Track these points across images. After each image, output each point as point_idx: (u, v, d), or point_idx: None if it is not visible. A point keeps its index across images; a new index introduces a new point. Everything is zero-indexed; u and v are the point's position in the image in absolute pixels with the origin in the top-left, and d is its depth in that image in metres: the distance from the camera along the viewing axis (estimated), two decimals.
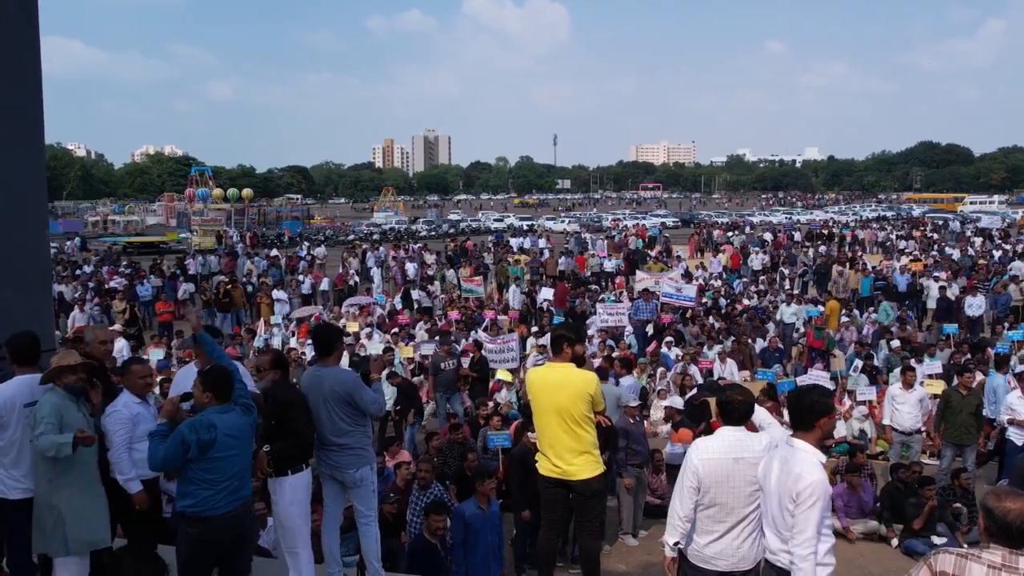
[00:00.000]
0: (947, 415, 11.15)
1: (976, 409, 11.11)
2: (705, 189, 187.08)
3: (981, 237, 44.78)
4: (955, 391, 11.29)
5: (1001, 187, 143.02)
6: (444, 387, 14.16)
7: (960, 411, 11.03)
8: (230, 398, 5.78)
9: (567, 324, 7.49)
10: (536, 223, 72.82)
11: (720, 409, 5.56)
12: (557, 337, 6.66)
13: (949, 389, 11.54)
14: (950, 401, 11.18)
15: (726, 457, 5.27)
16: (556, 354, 6.63)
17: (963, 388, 11.21)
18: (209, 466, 5.57)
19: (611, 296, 26.82)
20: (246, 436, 5.82)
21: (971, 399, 11.13)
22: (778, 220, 76.40)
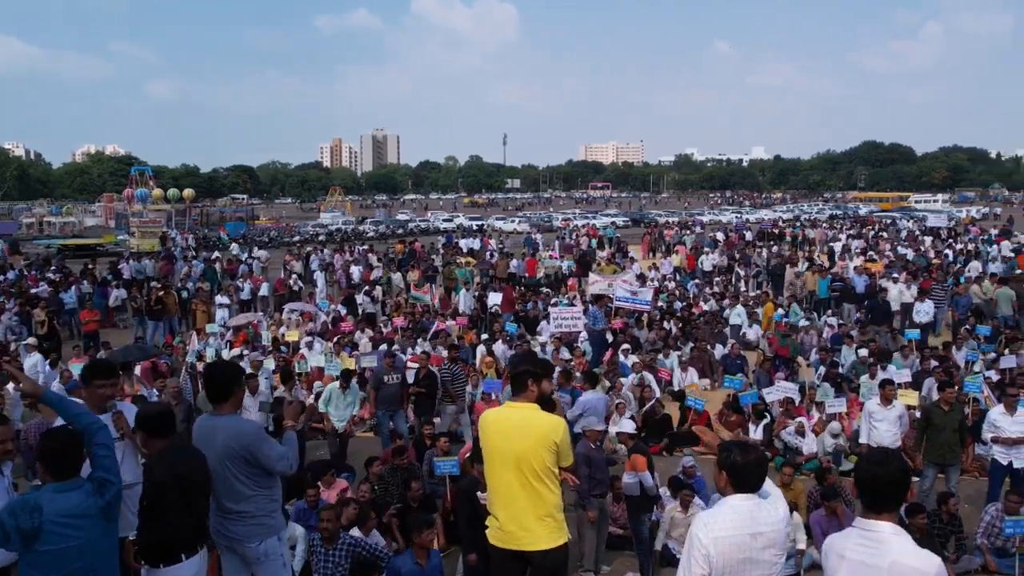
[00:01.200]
0: (928, 433, 10.39)
1: (959, 425, 10.36)
2: (654, 188, 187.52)
3: (931, 236, 44.72)
4: (936, 407, 10.53)
5: (943, 186, 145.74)
6: (387, 403, 13.05)
7: (942, 428, 10.27)
8: (73, 472, 4.55)
9: (531, 357, 6.16)
10: (486, 223, 71.86)
11: (729, 473, 4.42)
12: (520, 373, 5.52)
13: (930, 405, 10.77)
14: (931, 418, 10.42)
15: (742, 533, 4.24)
16: (518, 392, 5.50)
17: (944, 404, 10.45)
18: (37, 560, 4.35)
19: (564, 299, 25.91)
20: (92, 522, 4.52)
21: (953, 415, 10.38)
22: (728, 219, 76.41)
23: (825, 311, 24.07)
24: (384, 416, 13.09)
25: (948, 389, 10.62)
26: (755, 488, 4.35)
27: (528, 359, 5.92)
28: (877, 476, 3.90)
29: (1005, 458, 10.09)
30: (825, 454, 12.52)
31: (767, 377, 16.22)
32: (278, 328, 22.32)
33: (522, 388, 5.46)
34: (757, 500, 4.33)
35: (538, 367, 5.56)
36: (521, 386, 5.47)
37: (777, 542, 4.28)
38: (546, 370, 5.63)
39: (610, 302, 22.37)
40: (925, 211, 77.55)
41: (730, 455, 4.40)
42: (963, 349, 17.84)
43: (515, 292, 28.19)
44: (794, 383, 14.77)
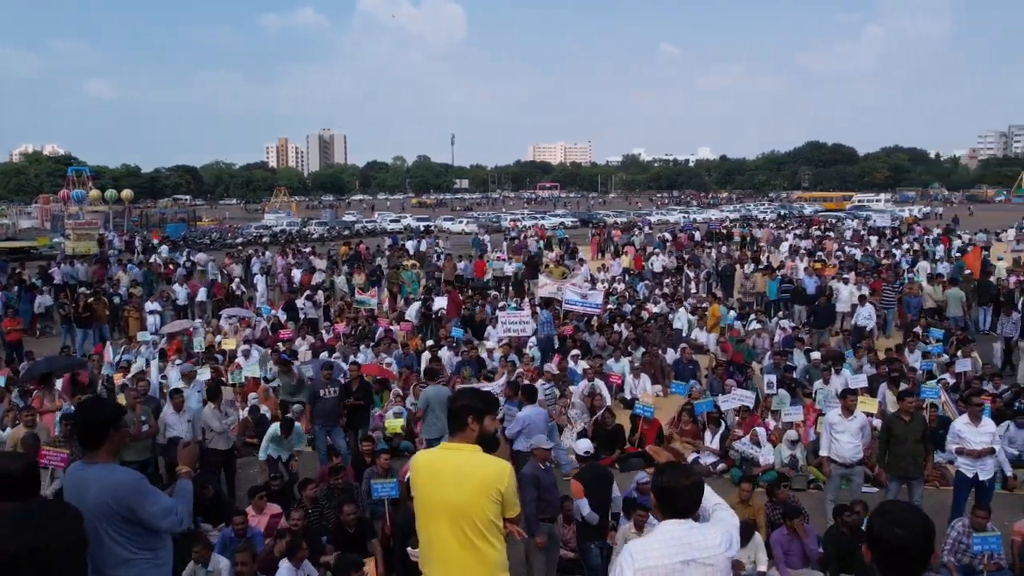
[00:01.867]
0: (891, 445, 9.95)
1: (922, 436, 9.94)
2: (602, 188, 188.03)
3: (876, 236, 45.00)
4: (897, 418, 10.08)
5: (884, 186, 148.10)
6: (324, 418, 12.27)
7: (904, 440, 9.83)
8: None
9: (472, 391, 5.18)
10: (434, 224, 71.03)
11: (658, 497, 4.08)
12: (459, 408, 4.68)
13: (891, 416, 10.32)
14: (892, 429, 9.98)
15: (671, 562, 3.83)
16: (456, 431, 4.68)
17: (905, 414, 10.01)
18: None
19: (512, 303, 25.32)
20: None
21: (915, 426, 9.95)
22: (676, 219, 76.53)
23: (775, 313, 23.78)
24: (321, 432, 12.32)
25: (908, 398, 10.19)
26: (687, 513, 4.01)
27: (468, 393, 5.04)
28: (902, 542, 3.23)
29: (970, 470, 9.69)
30: (783, 464, 12.08)
31: (720, 383, 15.78)
32: (215, 336, 21.44)
33: (461, 426, 4.63)
34: (690, 525, 3.97)
35: (480, 402, 4.74)
36: (460, 424, 4.64)
37: (715, 570, 3.88)
38: (490, 405, 4.78)
39: (559, 305, 21.86)
40: (879, 210, 78.31)
41: (660, 478, 4.11)
42: (915, 352, 17.62)
43: (462, 295, 27.60)
44: (749, 390, 14.30)
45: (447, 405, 4.86)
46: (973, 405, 9.87)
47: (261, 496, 9.74)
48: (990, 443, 9.71)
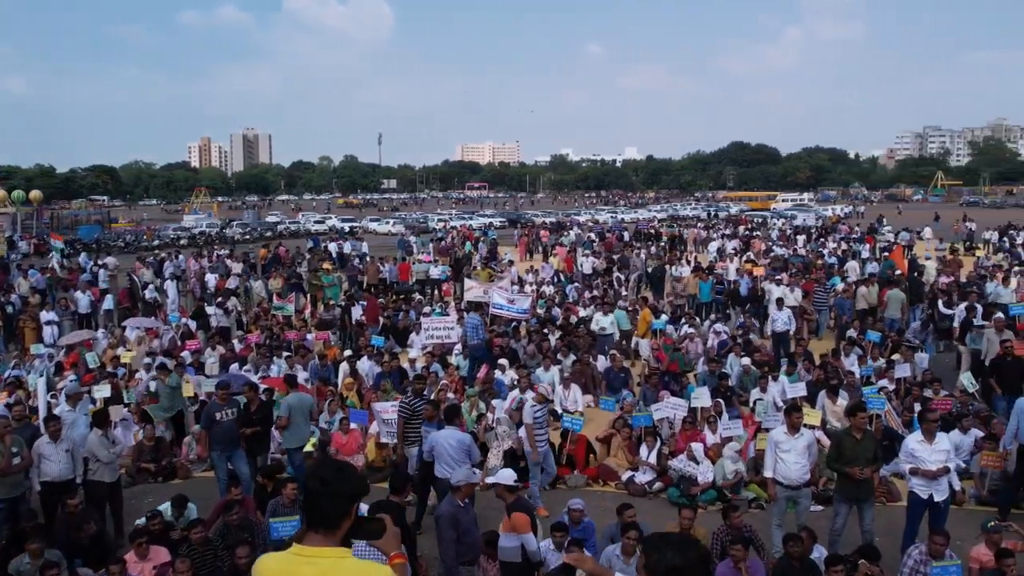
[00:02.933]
0: (840, 464, 9.22)
1: (874, 455, 9.25)
2: (530, 188, 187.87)
3: (804, 235, 45.03)
4: (847, 435, 9.38)
5: (806, 185, 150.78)
6: (223, 443, 11.10)
7: (855, 459, 9.12)
8: None
9: (339, 470, 3.41)
10: (359, 225, 69.47)
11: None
12: (320, 494, 3.29)
13: (841, 433, 9.60)
14: (842, 446, 9.27)
15: None
16: (316, 526, 3.28)
17: (857, 431, 9.31)
18: None
19: (437, 308, 24.26)
20: None
21: (867, 443, 9.25)
22: (604, 219, 76.27)
23: (708, 315, 23.19)
24: (221, 459, 11.13)
25: (860, 413, 9.46)
26: None
27: (335, 473, 3.36)
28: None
29: (925, 491, 9.01)
30: (724, 481, 11.32)
31: (654, 393, 15.00)
32: (116, 348, 19.97)
33: (323, 521, 3.27)
34: None
35: (351, 486, 3.32)
36: (321, 517, 3.28)
37: None
38: (361, 490, 3.38)
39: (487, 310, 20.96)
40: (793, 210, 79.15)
41: (662, 556, 3.18)
42: (851, 355, 17.10)
43: (387, 300, 26.48)
44: (684, 400, 13.49)
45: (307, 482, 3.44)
46: (928, 422, 9.17)
47: (141, 543, 8.52)
48: (945, 461, 9.05)
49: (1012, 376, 13.64)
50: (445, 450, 9.64)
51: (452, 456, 9.58)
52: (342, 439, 12.99)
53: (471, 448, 9.90)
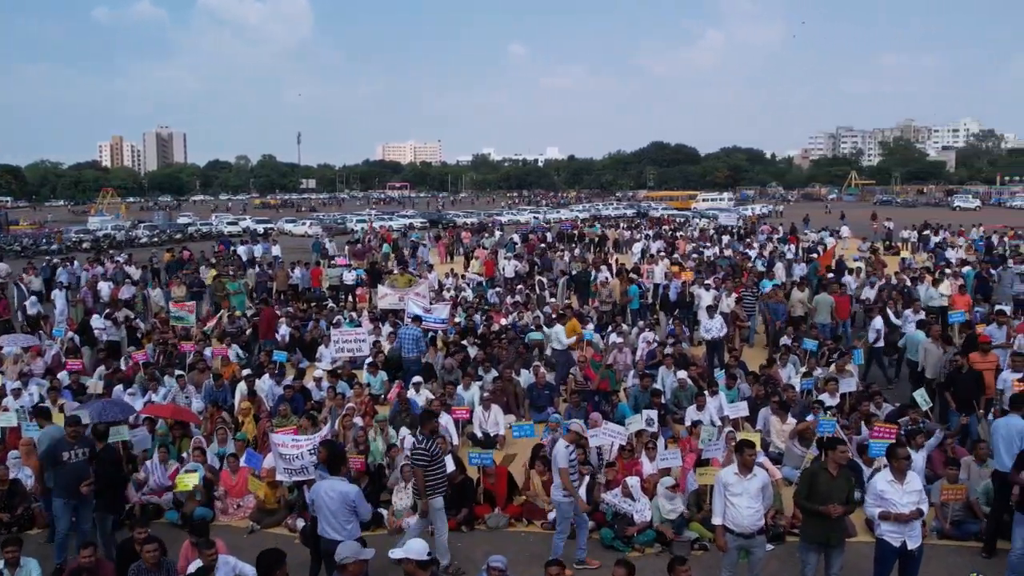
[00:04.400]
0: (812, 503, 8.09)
1: (848, 495, 8.12)
2: (452, 188, 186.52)
3: (727, 236, 44.53)
4: (823, 470, 8.18)
5: (725, 184, 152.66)
6: (67, 491, 9.36)
7: (828, 497, 8.02)
8: None
9: None
10: (274, 226, 67.03)
11: None
12: None
13: (815, 468, 8.37)
14: (815, 485, 8.11)
15: None
16: None
17: (833, 466, 8.17)
18: None
19: (348, 319, 22.62)
20: None
21: (842, 481, 8.11)
22: (527, 219, 75.29)
23: (636, 322, 22.05)
24: (65, 509, 9.39)
25: (840, 447, 8.28)
26: None
27: None
28: None
29: (897, 538, 7.86)
30: (663, 521, 10.08)
31: (580, 414, 13.70)
32: None
33: None
34: None
35: None
36: None
37: None
38: None
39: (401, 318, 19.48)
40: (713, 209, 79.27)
41: None
42: (787, 365, 16.13)
43: (296, 308, 24.77)
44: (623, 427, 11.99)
45: None
46: (898, 459, 8.04)
47: None
48: (918, 503, 7.96)
49: (967, 391, 12.79)
50: (325, 504, 8.10)
51: (333, 514, 8.07)
52: (230, 480, 11.37)
53: (358, 503, 8.22)
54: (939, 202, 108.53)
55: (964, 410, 12.65)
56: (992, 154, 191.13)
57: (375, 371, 17.15)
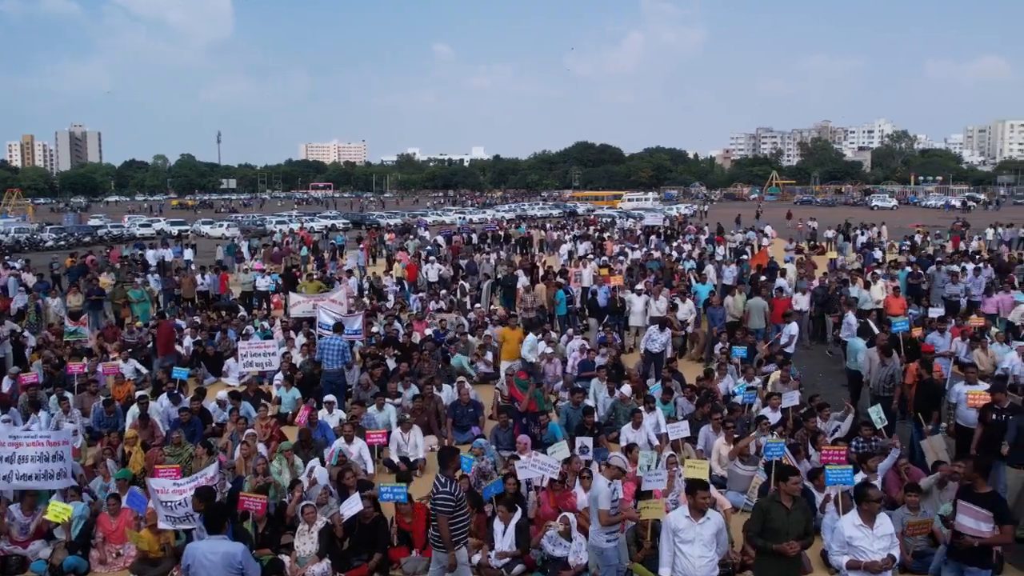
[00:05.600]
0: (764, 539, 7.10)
1: (805, 528, 7.17)
2: (377, 188, 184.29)
3: (654, 236, 43.89)
4: (775, 503, 7.24)
5: (649, 184, 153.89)
6: None
7: (784, 534, 7.08)
8: None
9: None
10: (189, 228, 64.45)
11: None
12: None
13: (767, 502, 7.40)
14: (769, 518, 7.15)
15: None
16: None
17: (787, 499, 7.23)
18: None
19: (259, 329, 21.10)
20: None
21: (798, 514, 7.17)
22: (451, 219, 74.07)
23: (564, 329, 20.97)
24: None
25: (793, 477, 7.33)
26: None
27: None
28: None
29: None
30: None
31: (508, 436, 12.61)
32: None
33: None
34: None
35: None
36: None
37: None
38: None
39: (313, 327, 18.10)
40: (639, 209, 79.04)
41: None
42: (726, 376, 15.27)
43: (203, 317, 23.18)
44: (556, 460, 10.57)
45: None
46: (869, 501, 7.10)
47: None
48: (890, 547, 7.04)
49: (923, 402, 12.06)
50: (204, 570, 6.77)
51: None
52: (110, 524, 9.90)
53: (245, 564, 6.86)
54: (857, 201, 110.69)
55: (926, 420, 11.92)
56: (906, 154, 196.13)
57: (287, 386, 15.81)
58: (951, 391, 12.00)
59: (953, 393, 11.86)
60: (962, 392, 11.60)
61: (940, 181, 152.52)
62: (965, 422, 11.41)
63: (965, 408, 11.45)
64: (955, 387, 11.91)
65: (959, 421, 11.63)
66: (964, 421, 11.48)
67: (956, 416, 11.70)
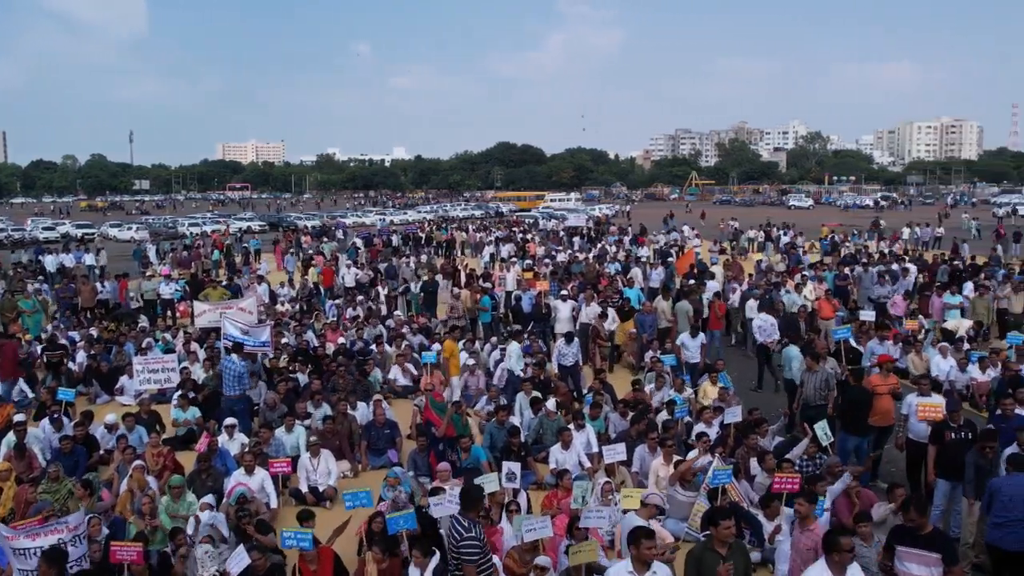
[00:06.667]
0: None
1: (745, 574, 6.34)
2: (296, 189, 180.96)
3: (578, 238, 43.26)
4: (708, 552, 6.42)
5: (571, 184, 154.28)
6: None
7: None
8: None
9: None
10: (97, 231, 61.44)
11: None
12: None
13: (699, 549, 6.55)
14: (703, 569, 6.29)
15: None
16: None
17: (720, 545, 6.37)
18: None
19: (161, 341, 19.63)
20: None
21: (736, 556, 6.32)
22: (372, 221, 72.51)
23: (488, 338, 20.00)
24: None
25: (724, 521, 6.50)
26: None
27: None
28: None
29: None
30: None
31: (427, 460, 11.55)
32: None
33: None
34: None
35: None
36: None
37: None
38: None
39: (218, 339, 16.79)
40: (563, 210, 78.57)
41: None
42: (663, 388, 14.46)
43: (101, 328, 21.61)
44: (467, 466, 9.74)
45: None
46: (840, 551, 6.22)
47: None
48: None
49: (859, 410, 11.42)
50: None
51: None
52: None
53: None
54: (775, 201, 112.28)
55: (855, 432, 11.24)
56: (819, 155, 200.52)
57: (185, 405, 14.47)
58: (902, 402, 11.34)
59: (904, 404, 11.20)
60: (913, 404, 10.95)
61: (853, 181, 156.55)
62: (916, 436, 10.73)
63: (916, 421, 10.82)
64: (907, 398, 11.26)
65: (910, 435, 10.99)
66: (915, 435, 10.80)
67: (907, 429, 11.05)
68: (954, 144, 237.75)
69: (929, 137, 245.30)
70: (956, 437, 9.73)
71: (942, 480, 9.81)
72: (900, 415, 11.29)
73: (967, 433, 9.76)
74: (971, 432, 9.82)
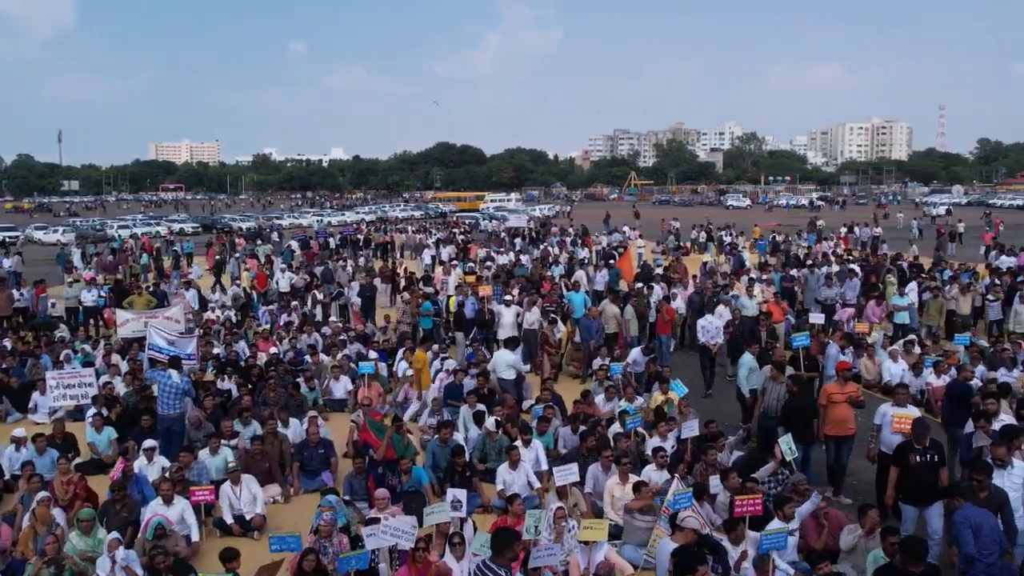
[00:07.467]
0: None
1: None
2: (232, 189, 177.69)
3: (520, 239, 42.59)
4: None
5: (511, 185, 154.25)
6: None
7: None
8: None
9: None
10: (20, 234, 58.96)
11: None
12: None
13: None
14: None
15: None
16: None
17: None
18: None
19: (81, 353, 18.39)
20: None
21: None
22: (309, 222, 71.00)
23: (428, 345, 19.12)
24: None
25: (701, 567, 5.85)
26: None
27: None
28: None
29: None
30: None
31: (364, 484, 10.70)
32: None
33: None
34: None
35: None
36: None
37: None
38: None
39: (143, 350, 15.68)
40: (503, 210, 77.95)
41: None
42: (613, 399, 13.77)
43: (14, 339, 20.29)
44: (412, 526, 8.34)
45: None
46: None
47: None
48: None
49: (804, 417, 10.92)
50: None
51: None
52: None
53: None
54: (713, 201, 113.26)
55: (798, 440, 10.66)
56: (755, 155, 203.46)
57: (100, 425, 13.36)
58: (876, 412, 10.79)
59: (878, 414, 10.65)
60: (888, 414, 10.41)
61: (789, 181, 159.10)
62: (888, 448, 10.11)
63: (889, 432, 10.25)
64: (880, 408, 10.72)
65: (882, 447, 10.44)
66: (887, 447, 10.17)
67: (879, 441, 10.50)
68: (885, 145, 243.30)
69: (861, 138, 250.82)
70: (921, 460, 9.15)
71: (909, 507, 9.24)
72: (873, 425, 10.74)
73: (933, 456, 9.19)
74: (937, 454, 9.26)
